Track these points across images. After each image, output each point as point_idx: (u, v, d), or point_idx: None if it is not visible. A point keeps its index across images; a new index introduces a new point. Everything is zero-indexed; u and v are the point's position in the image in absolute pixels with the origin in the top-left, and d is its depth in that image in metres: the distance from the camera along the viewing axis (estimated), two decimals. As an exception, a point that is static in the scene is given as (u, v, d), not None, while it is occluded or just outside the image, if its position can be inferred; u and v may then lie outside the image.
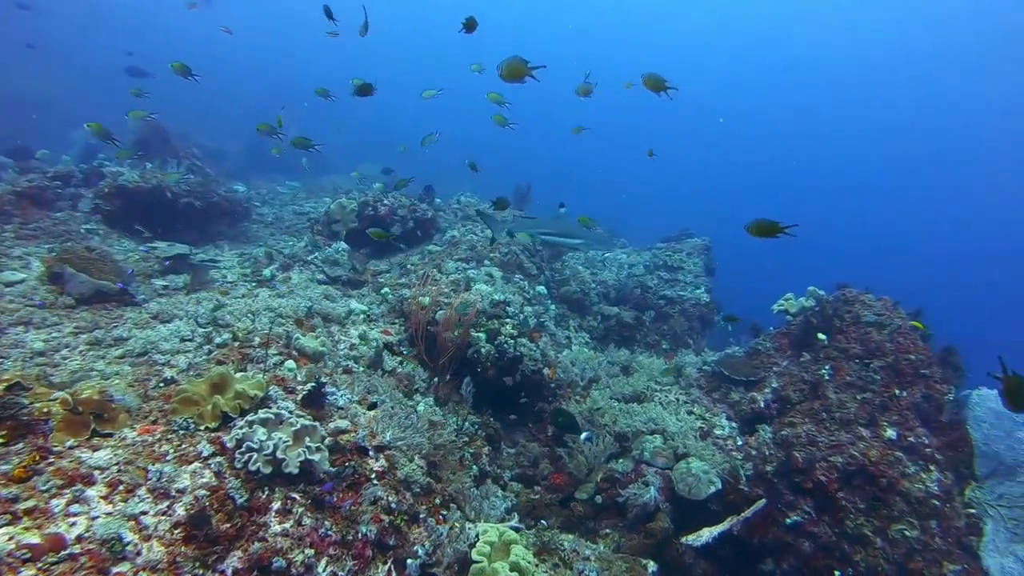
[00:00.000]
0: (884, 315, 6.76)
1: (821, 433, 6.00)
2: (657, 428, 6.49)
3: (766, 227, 4.22)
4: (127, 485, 3.10)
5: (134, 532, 2.86)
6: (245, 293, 7.21)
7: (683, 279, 10.95)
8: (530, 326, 7.52)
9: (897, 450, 5.89)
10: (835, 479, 5.71)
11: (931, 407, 6.21)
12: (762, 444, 6.24)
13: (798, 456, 5.85)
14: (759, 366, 7.23)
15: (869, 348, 6.48)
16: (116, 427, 3.60)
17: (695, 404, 7.11)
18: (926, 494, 5.73)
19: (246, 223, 11.80)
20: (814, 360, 6.80)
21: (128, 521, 2.89)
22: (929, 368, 6.37)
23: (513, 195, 12.40)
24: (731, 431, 6.70)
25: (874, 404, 6.11)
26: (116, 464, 3.22)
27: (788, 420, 6.29)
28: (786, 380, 6.80)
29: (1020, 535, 5.84)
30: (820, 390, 6.38)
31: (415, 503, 4.12)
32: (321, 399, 4.30)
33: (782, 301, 7.73)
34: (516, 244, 9.79)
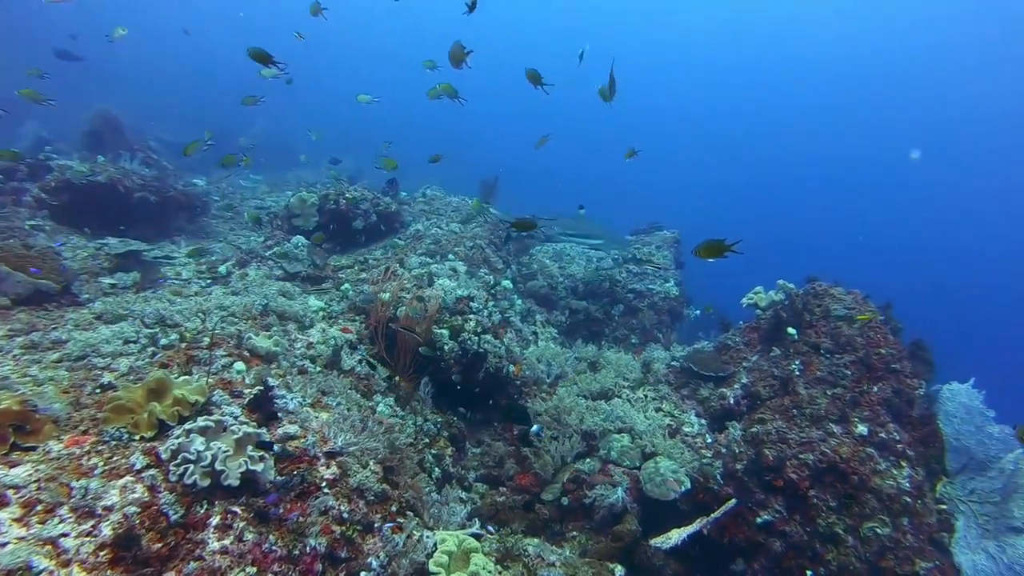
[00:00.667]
0: (854, 309, 6.64)
1: (792, 430, 5.85)
2: (625, 426, 6.30)
3: (713, 247, 4.09)
4: (47, 504, 2.79)
5: (50, 558, 2.57)
6: (198, 291, 6.88)
7: (652, 272, 10.79)
8: (495, 322, 7.29)
9: (868, 446, 5.76)
10: (806, 477, 5.57)
11: (902, 402, 6.10)
12: (732, 442, 6.08)
13: (768, 454, 5.70)
14: (728, 361, 7.07)
15: (839, 342, 6.35)
16: (40, 439, 3.28)
17: (664, 401, 6.92)
18: (898, 491, 5.61)
19: (205, 218, 11.41)
20: (784, 355, 6.65)
21: (44, 546, 2.59)
22: (900, 362, 6.26)
23: (479, 189, 12.16)
24: (700, 428, 6.53)
25: (845, 400, 5.98)
26: (36, 481, 2.90)
27: (758, 417, 6.13)
28: (756, 376, 6.65)
29: (991, 531, 5.74)
30: (790, 386, 6.24)
31: (369, 512, 3.86)
32: (269, 403, 4.02)
33: (751, 295, 7.58)
34: (482, 239, 9.56)
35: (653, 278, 10.65)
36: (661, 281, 10.61)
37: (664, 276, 10.72)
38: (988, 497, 5.91)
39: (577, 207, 9.32)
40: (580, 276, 10.78)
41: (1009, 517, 5.66)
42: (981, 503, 5.93)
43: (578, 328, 9.82)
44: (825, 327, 6.52)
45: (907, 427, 6.12)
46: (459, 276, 7.78)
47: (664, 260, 11.17)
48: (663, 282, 10.59)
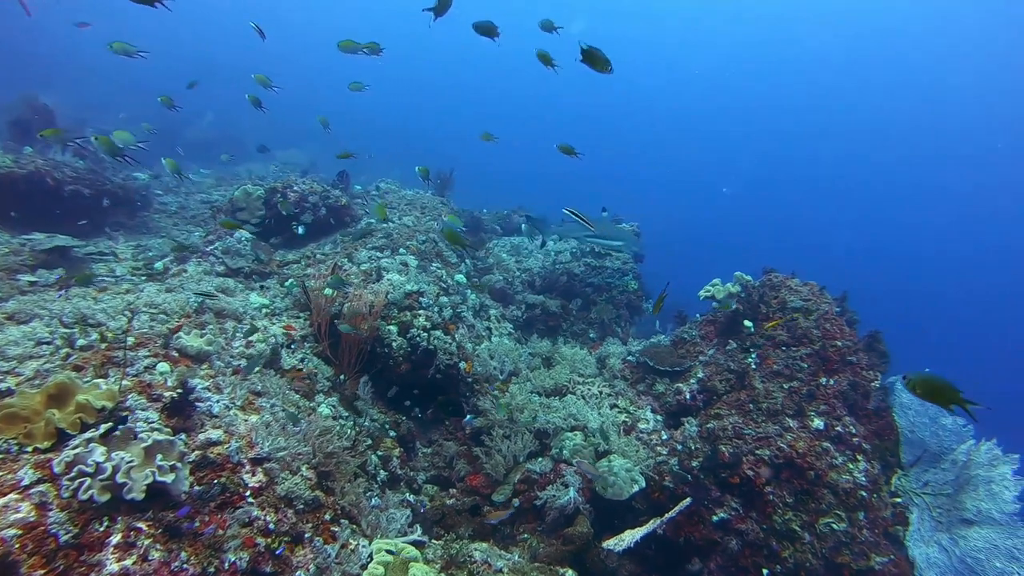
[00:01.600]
0: (810, 300, 6.55)
1: (748, 425, 5.73)
2: (578, 424, 6.11)
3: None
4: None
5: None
6: (130, 288, 6.50)
7: (611, 266, 10.64)
8: (446, 317, 7.05)
9: (825, 440, 5.67)
10: (763, 473, 5.45)
11: (858, 395, 6.02)
12: (688, 438, 5.93)
13: (725, 450, 5.57)
14: (685, 355, 6.92)
15: (796, 335, 6.25)
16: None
17: (619, 397, 6.75)
18: (854, 485, 5.53)
19: (146, 213, 10.93)
20: (741, 348, 6.53)
21: None
22: (856, 355, 6.18)
23: (434, 182, 11.86)
24: (656, 424, 6.37)
25: (801, 393, 5.88)
26: None
27: (714, 412, 6.00)
28: (712, 370, 6.51)
29: (944, 523, 5.70)
30: (747, 380, 6.12)
31: (299, 521, 3.61)
32: (190, 407, 3.74)
33: (708, 287, 7.44)
34: (436, 232, 9.31)
35: (611, 272, 10.50)
36: (620, 275, 10.46)
37: (623, 270, 10.57)
38: (941, 489, 5.87)
39: (600, 209, 9.24)
40: (537, 270, 10.58)
41: (961, 509, 5.61)
42: (934, 495, 5.89)
43: (535, 323, 9.62)
44: (782, 319, 6.42)
45: (863, 420, 6.05)
46: (410, 271, 7.52)
47: (623, 253, 11.03)
48: (621, 275, 10.44)
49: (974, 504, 5.55)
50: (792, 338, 6.25)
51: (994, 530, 5.41)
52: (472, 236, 10.98)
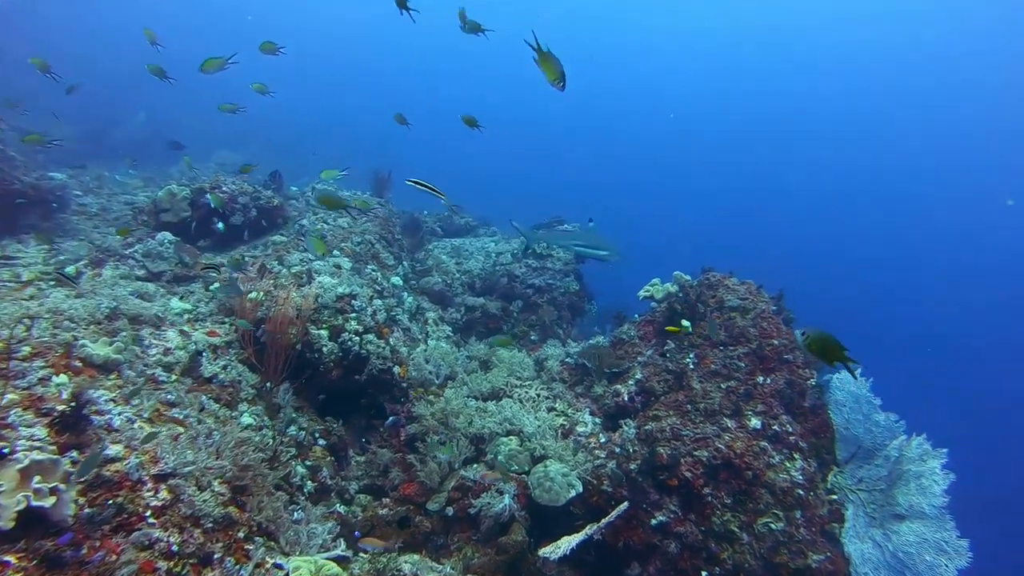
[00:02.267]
0: (748, 299, 6.53)
1: (686, 426, 5.66)
2: (513, 428, 5.95)
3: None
4: None
5: None
6: (34, 294, 6.08)
7: (552, 267, 10.54)
8: (380, 321, 6.82)
9: (762, 440, 5.64)
10: (701, 475, 5.38)
11: (794, 393, 6.01)
12: (626, 440, 5.83)
13: (663, 452, 5.48)
14: (623, 356, 6.83)
15: (733, 334, 6.22)
16: None
17: (557, 399, 6.62)
18: (791, 484, 5.51)
19: (64, 215, 10.36)
20: (679, 348, 6.47)
21: None
22: (792, 353, 6.18)
23: (372, 182, 11.57)
24: (595, 427, 6.26)
25: (739, 393, 5.84)
26: None
27: (652, 413, 5.92)
28: (650, 371, 6.43)
29: (878, 519, 5.72)
30: (685, 380, 6.05)
31: (207, 541, 3.35)
32: (84, 421, 3.45)
33: (648, 287, 7.38)
34: (372, 234, 9.06)
35: (553, 273, 10.40)
36: (561, 276, 10.37)
37: (565, 271, 10.49)
38: (875, 485, 5.90)
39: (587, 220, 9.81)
40: (478, 272, 10.42)
41: (894, 504, 5.64)
42: (869, 491, 5.91)
43: (474, 326, 9.44)
44: (719, 318, 6.39)
45: (799, 418, 6.04)
46: (343, 273, 7.26)
47: (565, 253, 10.95)
48: (563, 276, 10.35)
49: (906, 499, 5.58)
50: (730, 338, 6.22)
51: (924, 524, 5.45)
52: (410, 238, 10.74)
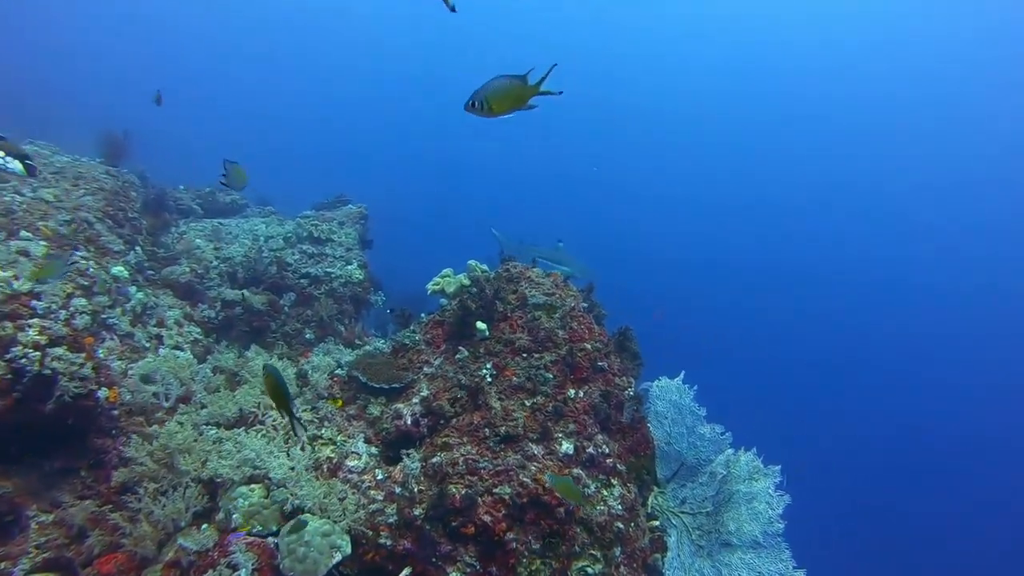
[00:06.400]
0: (554, 294, 5.49)
1: (484, 456, 4.48)
2: (258, 472, 4.43)
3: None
4: None
5: None
6: None
7: (332, 253, 9.05)
8: (78, 327, 5.00)
9: (575, 467, 4.61)
10: (503, 517, 4.23)
11: (610, 407, 5.05)
12: (409, 477, 4.54)
13: (455, 492, 4.26)
14: (407, 367, 5.48)
15: (539, 338, 5.12)
16: None
17: (324, 423, 5.16)
18: (609, 517, 4.55)
19: None
20: (473, 357, 5.26)
21: None
22: (607, 359, 5.22)
23: (102, 143, 9.23)
24: (370, 460, 4.86)
25: (546, 411, 4.75)
26: None
27: (442, 441, 4.66)
28: (439, 385, 5.14)
29: (706, 548, 4.94)
30: (481, 397, 4.84)
31: None
32: None
33: (438, 279, 6.07)
34: (91, 210, 7.03)
35: (333, 260, 8.92)
36: (342, 263, 8.91)
37: (346, 257, 9.04)
38: (700, 507, 5.12)
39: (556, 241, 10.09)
40: (241, 259, 8.63)
41: (723, 531, 4.89)
42: (693, 514, 5.13)
43: (234, 324, 7.70)
44: (522, 319, 5.27)
45: (616, 435, 5.11)
46: (21, 262, 5.29)
47: (348, 238, 9.50)
48: (344, 264, 8.89)
49: (736, 525, 4.84)
50: (535, 342, 5.12)
51: (758, 555, 4.74)
52: (153, 217, 8.67)
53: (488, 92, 3.08)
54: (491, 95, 3.08)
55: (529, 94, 3.10)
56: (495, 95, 3.09)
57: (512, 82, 3.09)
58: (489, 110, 3.10)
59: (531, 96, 3.11)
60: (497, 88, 3.09)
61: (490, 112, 3.08)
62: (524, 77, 3.08)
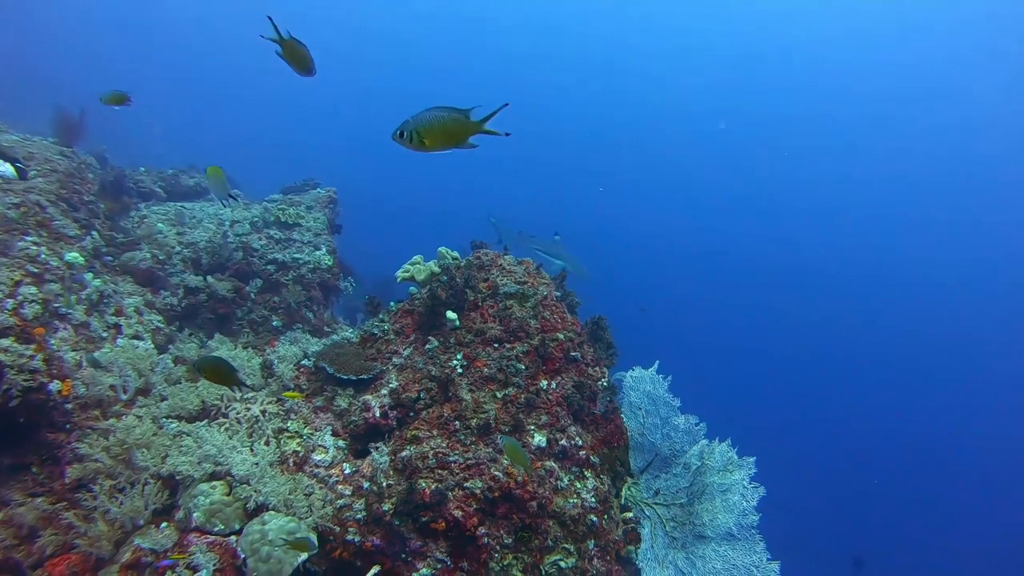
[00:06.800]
0: (527, 283, 5.36)
1: (454, 450, 4.36)
2: (220, 468, 4.27)
3: None
4: None
5: None
6: None
7: (300, 238, 8.83)
8: (28, 316, 4.79)
9: (548, 459, 4.52)
10: (474, 512, 4.13)
11: (583, 398, 4.95)
12: (378, 471, 4.41)
13: (425, 487, 4.14)
14: (376, 357, 5.32)
15: (510, 328, 4.99)
16: None
17: (290, 416, 5.00)
18: (583, 510, 4.47)
19: None
20: (444, 347, 5.12)
21: None
22: (580, 349, 5.12)
23: (55, 125, 8.87)
24: (337, 454, 4.72)
25: (518, 403, 4.64)
26: None
27: (411, 434, 4.53)
28: (409, 376, 5.00)
29: (679, 540, 4.88)
30: (452, 389, 4.71)
31: None
32: None
33: (408, 265, 5.90)
34: (45, 193, 6.74)
35: (301, 245, 8.71)
36: (311, 249, 8.70)
37: (315, 243, 8.84)
38: (674, 498, 5.07)
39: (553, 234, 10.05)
40: (205, 244, 8.37)
41: (698, 523, 4.83)
42: (667, 506, 5.07)
43: (199, 312, 7.48)
44: (493, 308, 5.14)
45: (590, 427, 5.02)
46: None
47: (316, 223, 9.29)
48: (313, 249, 8.69)
49: (710, 516, 4.78)
50: (506, 332, 4.99)
51: (732, 546, 4.68)
52: (111, 200, 8.36)
53: (421, 124, 2.74)
54: (424, 128, 2.74)
55: (469, 131, 2.77)
56: (428, 129, 2.75)
57: (451, 116, 2.75)
58: (420, 143, 2.76)
59: (472, 134, 2.78)
60: (432, 121, 2.76)
61: (421, 146, 2.78)
62: (466, 112, 2.75)
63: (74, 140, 8.62)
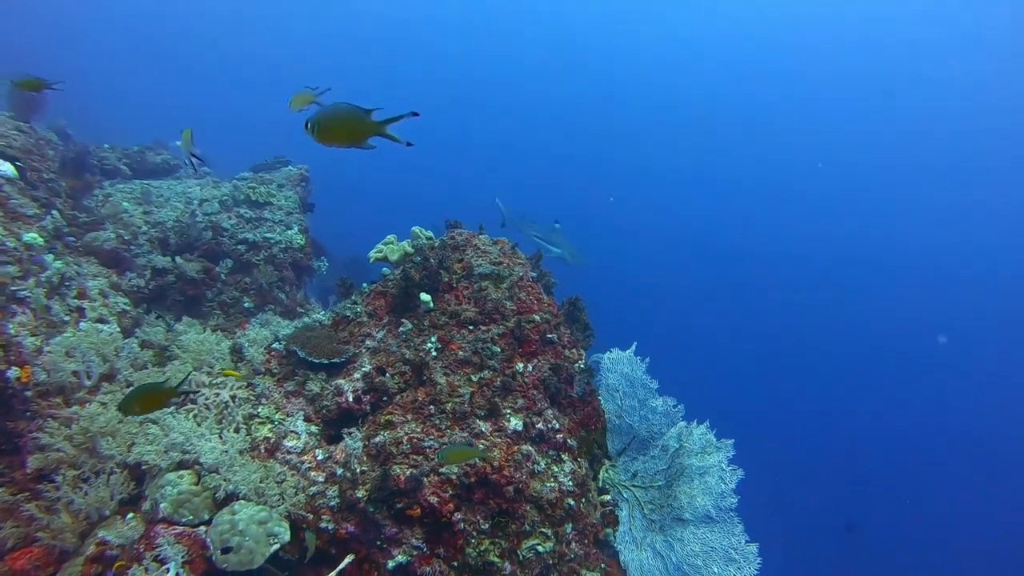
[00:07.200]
0: (502, 263, 5.26)
1: (429, 435, 4.28)
2: (188, 457, 4.15)
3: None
4: None
5: None
6: None
7: (272, 217, 8.63)
8: (-16, 302, 4.60)
9: (525, 443, 4.45)
10: (450, 498, 4.06)
11: (560, 380, 4.88)
12: (351, 457, 4.32)
13: (400, 473, 4.06)
14: (348, 340, 5.20)
15: (486, 310, 4.89)
16: None
17: (261, 401, 4.87)
18: (560, 493, 4.42)
19: None
20: (417, 330, 5.02)
21: None
22: (557, 331, 5.04)
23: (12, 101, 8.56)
24: (310, 440, 4.61)
25: (494, 386, 4.56)
26: None
27: (385, 419, 4.44)
28: (382, 360, 4.89)
29: (658, 522, 4.86)
30: (426, 373, 4.62)
31: None
32: None
33: (381, 245, 5.76)
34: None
35: (272, 224, 8.51)
36: (282, 228, 8.51)
37: (287, 222, 8.65)
38: (652, 480, 5.04)
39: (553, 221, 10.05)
40: (173, 224, 8.14)
41: (676, 506, 4.80)
42: (645, 488, 5.04)
43: (167, 294, 7.28)
44: (468, 289, 5.04)
45: (567, 409, 4.96)
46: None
47: (288, 201, 9.08)
48: (284, 229, 8.50)
49: (688, 499, 4.75)
50: (481, 314, 4.89)
51: (711, 529, 4.66)
52: (73, 178, 8.10)
53: (321, 117, 2.70)
54: (322, 120, 2.70)
55: (368, 132, 2.71)
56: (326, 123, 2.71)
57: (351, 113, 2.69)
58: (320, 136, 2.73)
59: (371, 135, 2.71)
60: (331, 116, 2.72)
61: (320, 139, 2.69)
62: (368, 112, 2.69)
63: (32, 114, 8.32)
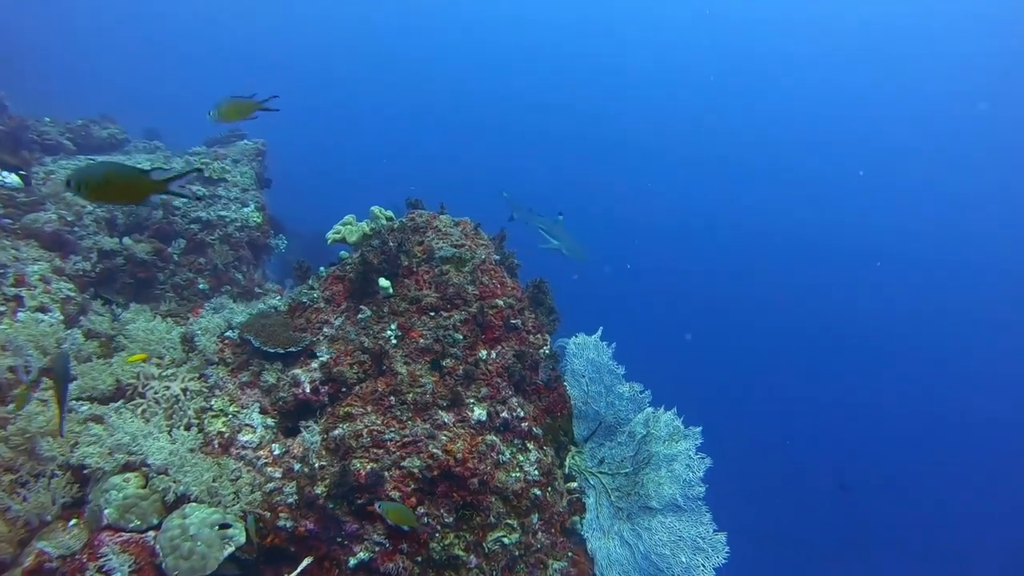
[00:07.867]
0: (464, 245, 5.08)
1: (390, 427, 4.13)
2: (134, 459, 3.94)
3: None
4: None
5: None
6: None
7: (227, 194, 8.32)
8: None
9: (489, 433, 4.32)
10: (413, 492, 3.93)
11: (525, 367, 4.75)
12: (309, 452, 4.16)
13: (360, 468, 3.91)
14: (304, 328, 4.99)
15: (447, 295, 4.72)
16: None
17: (214, 394, 4.66)
18: (526, 483, 4.33)
19: None
20: (377, 316, 4.83)
21: None
22: (521, 316, 4.89)
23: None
24: (266, 434, 4.43)
25: (457, 375, 4.42)
26: None
27: (344, 411, 4.27)
28: (340, 348, 4.69)
29: (625, 510, 4.80)
30: (385, 362, 4.45)
31: None
32: None
33: (339, 227, 5.52)
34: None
35: (228, 202, 8.21)
36: (238, 206, 8.22)
37: (242, 199, 8.36)
38: (619, 467, 4.97)
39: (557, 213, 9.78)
40: (122, 202, 7.82)
41: (643, 494, 4.74)
42: (612, 475, 4.98)
43: (116, 277, 6.97)
44: (428, 274, 4.86)
45: (532, 397, 4.84)
46: None
47: (244, 177, 8.77)
48: (240, 206, 8.21)
49: (656, 487, 4.69)
50: (443, 299, 4.72)
51: (678, 518, 4.61)
52: (10, 155, 7.69)
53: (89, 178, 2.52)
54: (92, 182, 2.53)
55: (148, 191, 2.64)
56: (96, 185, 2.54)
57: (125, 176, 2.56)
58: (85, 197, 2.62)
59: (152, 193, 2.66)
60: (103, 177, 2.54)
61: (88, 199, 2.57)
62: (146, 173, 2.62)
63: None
